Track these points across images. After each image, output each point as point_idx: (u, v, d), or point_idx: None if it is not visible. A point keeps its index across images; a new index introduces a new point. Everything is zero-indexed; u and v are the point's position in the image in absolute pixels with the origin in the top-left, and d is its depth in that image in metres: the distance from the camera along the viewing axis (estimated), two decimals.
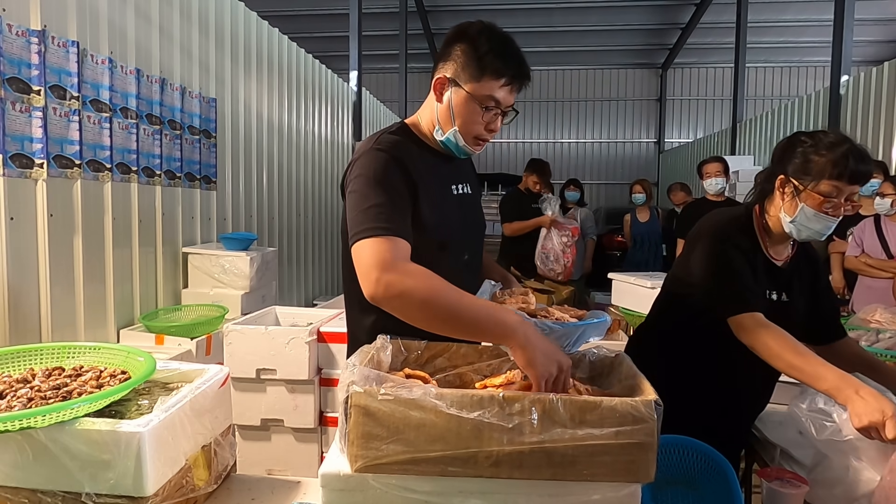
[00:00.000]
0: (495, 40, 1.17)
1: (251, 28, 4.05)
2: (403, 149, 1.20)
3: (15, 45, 2.13)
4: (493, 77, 1.16)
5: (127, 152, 2.74)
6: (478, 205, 1.44)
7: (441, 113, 1.22)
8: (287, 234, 4.75)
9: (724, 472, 1.25)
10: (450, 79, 1.19)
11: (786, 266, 1.53)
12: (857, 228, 3.43)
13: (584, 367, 1.13)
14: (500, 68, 1.16)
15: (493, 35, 1.18)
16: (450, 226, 1.26)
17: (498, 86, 1.17)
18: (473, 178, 1.44)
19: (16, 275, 2.16)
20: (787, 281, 1.51)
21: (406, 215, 1.14)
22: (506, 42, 1.19)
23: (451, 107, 1.20)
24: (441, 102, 1.22)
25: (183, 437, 1.00)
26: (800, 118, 6.59)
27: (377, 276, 1.03)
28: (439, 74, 1.21)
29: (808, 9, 9.15)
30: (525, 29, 10.05)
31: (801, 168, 1.39)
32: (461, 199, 1.33)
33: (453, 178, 1.33)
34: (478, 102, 1.18)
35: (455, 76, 1.19)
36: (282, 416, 2.33)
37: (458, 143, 1.22)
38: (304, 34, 8.69)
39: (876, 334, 2.15)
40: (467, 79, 1.17)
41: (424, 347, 1.15)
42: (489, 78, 1.16)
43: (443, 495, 0.86)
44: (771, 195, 1.48)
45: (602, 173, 12.80)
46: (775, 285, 1.49)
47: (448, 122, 1.21)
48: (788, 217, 1.42)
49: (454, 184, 1.32)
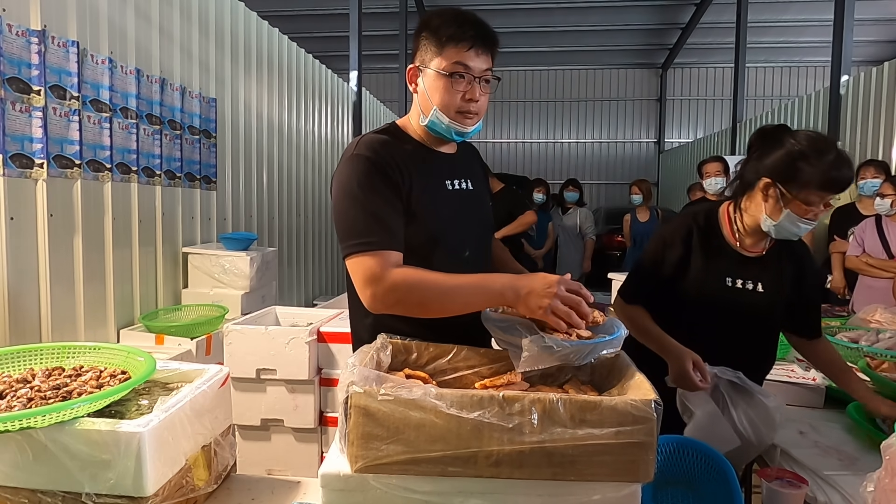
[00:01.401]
0: (447, 14, 1.21)
1: (251, 28, 4.05)
2: (387, 146, 1.22)
3: (15, 45, 2.13)
4: (452, 45, 1.18)
5: (127, 152, 2.74)
6: (481, 201, 1.41)
7: (421, 101, 1.25)
8: (287, 234, 4.75)
9: (724, 472, 1.25)
10: (417, 66, 1.24)
11: (760, 257, 1.55)
12: (857, 228, 3.43)
13: (584, 367, 1.13)
14: (456, 34, 1.18)
15: (444, 11, 1.21)
16: (443, 220, 1.26)
17: (461, 52, 1.18)
18: (478, 175, 1.43)
19: (16, 275, 2.16)
20: (759, 271, 1.54)
21: (392, 218, 1.17)
22: (459, 12, 1.21)
23: (425, 90, 1.23)
24: (417, 92, 1.26)
25: (183, 437, 1.00)
26: (800, 118, 6.59)
27: (371, 291, 1.11)
28: (411, 65, 1.26)
29: (808, 9, 9.15)
30: (525, 29, 10.06)
31: (787, 174, 1.40)
32: (459, 194, 1.33)
33: (449, 173, 1.32)
34: (447, 74, 1.19)
35: (421, 62, 1.23)
36: (282, 416, 2.33)
37: (443, 123, 1.23)
38: (304, 34, 8.69)
39: (876, 334, 2.15)
40: (431, 58, 1.21)
41: (424, 348, 1.15)
42: (450, 48, 1.19)
43: (443, 495, 0.86)
44: (752, 191, 1.50)
45: (602, 173, 12.80)
46: (740, 273, 1.54)
47: (427, 105, 1.23)
48: (772, 221, 1.44)
49: (450, 179, 1.32)
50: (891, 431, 1.09)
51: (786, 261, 1.57)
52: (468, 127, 1.24)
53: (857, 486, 1.21)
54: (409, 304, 1.11)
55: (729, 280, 1.54)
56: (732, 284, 1.53)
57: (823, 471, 1.33)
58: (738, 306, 1.52)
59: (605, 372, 1.12)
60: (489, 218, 1.45)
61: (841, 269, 3.62)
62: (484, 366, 1.14)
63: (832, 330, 2.31)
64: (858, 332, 2.22)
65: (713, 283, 1.54)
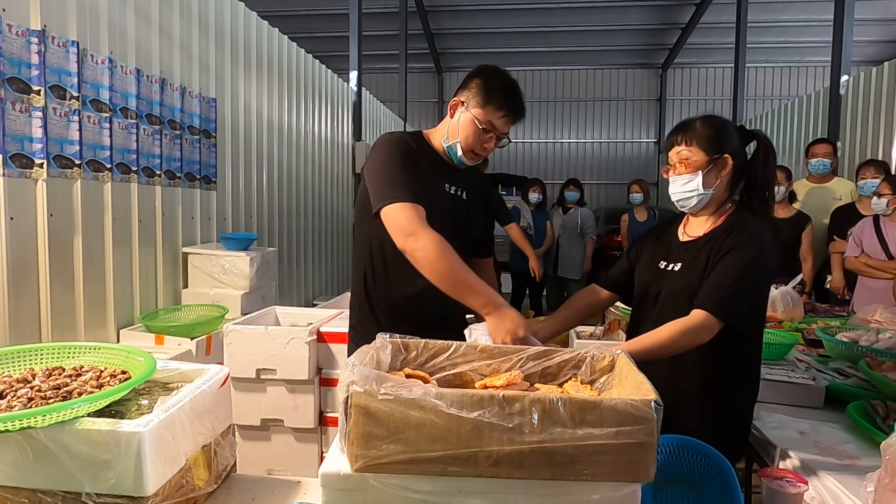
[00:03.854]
0: (502, 81, 1.53)
1: (251, 28, 4.05)
2: (413, 142, 1.58)
3: (15, 45, 2.13)
4: (494, 108, 1.51)
5: (127, 152, 2.74)
6: (471, 212, 1.69)
7: (451, 127, 1.58)
8: (287, 234, 4.75)
9: (724, 472, 1.25)
10: (462, 102, 1.55)
11: (693, 241, 1.55)
12: (855, 229, 3.42)
13: (584, 368, 1.13)
14: (502, 103, 1.51)
15: (501, 76, 1.54)
16: (435, 215, 1.45)
17: (497, 116, 1.51)
18: (475, 189, 1.71)
19: (16, 275, 2.16)
20: (682, 254, 1.55)
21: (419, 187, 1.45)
22: (511, 84, 1.53)
23: (458, 125, 1.55)
24: (453, 119, 1.57)
25: (183, 437, 1.00)
26: (800, 118, 6.60)
27: (406, 233, 1.38)
28: (456, 98, 1.57)
29: (808, 9, 9.16)
30: (525, 29, 10.06)
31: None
32: (453, 198, 1.63)
33: (450, 178, 1.63)
34: (478, 124, 1.51)
35: (467, 101, 1.54)
36: (282, 416, 2.33)
37: (457, 152, 1.57)
38: (304, 34, 8.69)
39: (876, 334, 2.15)
40: (475, 105, 1.52)
41: (423, 347, 1.15)
42: (492, 108, 1.51)
43: (443, 495, 0.86)
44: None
45: (602, 173, 12.81)
46: (666, 256, 1.58)
47: (455, 134, 1.56)
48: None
49: (449, 183, 1.62)
50: (891, 431, 1.09)
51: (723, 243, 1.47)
52: (473, 162, 1.61)
53: (857, 486, 1.21)
54: (428, 253, 1.35)
55: (661, 263, 1.59)
56: (659, 265, 1.59)
57: (823, 471, 1.33)
58: (654, 285, 1.57)
59: (605, 372, 1.12)
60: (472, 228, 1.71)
61: (840, 270, 3.62)
62: (482, 361, 1.14)
63: (832, 330, 2.32)
64: (858, 332, 2.22)
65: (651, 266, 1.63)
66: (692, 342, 1.38)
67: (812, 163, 4.07)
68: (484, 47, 11.12)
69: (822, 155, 4.03)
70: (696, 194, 1.50)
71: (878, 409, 1.59)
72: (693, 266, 1.49)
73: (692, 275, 1.48)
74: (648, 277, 1.59)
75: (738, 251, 1.42)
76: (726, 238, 1.46)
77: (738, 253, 1.42)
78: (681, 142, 1.52)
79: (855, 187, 3.90)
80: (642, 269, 1.64)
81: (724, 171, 1.50)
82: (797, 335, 2.48)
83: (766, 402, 1.80)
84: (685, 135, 1.51)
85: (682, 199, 1.53)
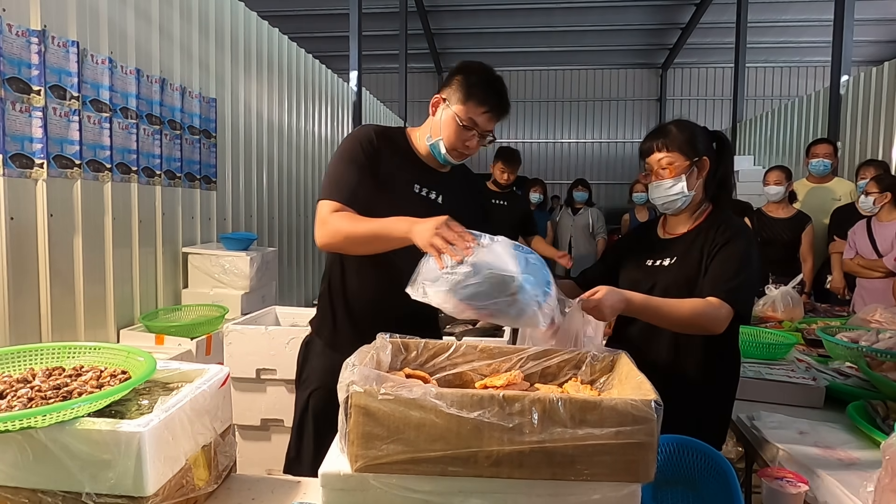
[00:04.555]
0: (485, 76, 1.46)
1: (251, 28, 4.05)
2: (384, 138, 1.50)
3: (15, 45, 2.13)
4: (476, 104, 1.44)
5: (127, 152, 2.74)
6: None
7: (433, 125, 1.51)
8: (287, 234, 4.75)
9: (724, 472, 1.25)
10: (444, 99, 1.48)
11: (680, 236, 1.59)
12: (851, 231, 3.43)
13: (584, 368, 1.13)
14: (483, 99, 1.44)
15: (484, 72, 1.47)
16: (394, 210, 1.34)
17: (479, 112, 1.44)
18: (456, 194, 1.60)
19: (16, 275, 2.16)
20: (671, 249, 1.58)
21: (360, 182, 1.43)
22: (493, 80, 1.47)
23: (440, 122, 1.48)
24: (435, 116, 1.51)
25: (183, 437, 1.00)
26: (800, 118, 6.60)
27: (319, 225, 1.39)
28: (438, 95, 1.51)
29: (808, 9, 9.14)
30: (525, 29, 10.04)
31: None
32: (423, 200, 1.53)
33: (421, 180, 1.54)
34: (460, 121, 1.45)
35: (448, 98, 1.47)
36: (282, 416, 2.33)
37: (440, 150, 1.50)
38: (304, 34, 8.68)
39: (876, 334, 2.15)
40: (456, 101, 1.45)
41: (423, 347, 1.15)
42: (473, 104, 1.44)
43: (443, 495, 0.86)
44: None
45: (602, 173, 12.78)
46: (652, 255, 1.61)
47: (437, 132, 1.49)
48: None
49: (420, 184, 1.53)
50: (891, 431, 1.09)
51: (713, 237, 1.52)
52: (457, 161, 1.53)
53: (857, 486, 1.21)
54: (337, 237, 1.35)
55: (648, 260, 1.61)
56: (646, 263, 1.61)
57: (823, 471, 1.32)
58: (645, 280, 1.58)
59: (605, 372, 1.12)
60: None
61: (840, 270, 3.62)
62: (481, 361, 1.14)
63: (832, 330, 2.32)
64: (858, 332, 2.22)
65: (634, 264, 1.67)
66: (704, 326, 1.41)
67: (812, 163, 4.07)
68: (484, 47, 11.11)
69: (822, 155, 4.03)
70: (681, 196, 1.53)
71: (878, 409, 1.59)
72: (688, 257, 1.54)
73: (688, 266, 1.52)
74: (638, 275, 1.60)
75: (731, 245, 1.48)
76: (716, 232, 1.52)
77: (732, 247, 1.48)
78: (661, 147, 1.54)
79: (855, 187, 3.90)
80: (630, 268, 1.65)
81: (703, 172, 1.55)
82: (797, 335, 2.48)
83: (767, 402, 1.81)
84: (665, 140, 1.54)
85: (666, 203, 1.56)
